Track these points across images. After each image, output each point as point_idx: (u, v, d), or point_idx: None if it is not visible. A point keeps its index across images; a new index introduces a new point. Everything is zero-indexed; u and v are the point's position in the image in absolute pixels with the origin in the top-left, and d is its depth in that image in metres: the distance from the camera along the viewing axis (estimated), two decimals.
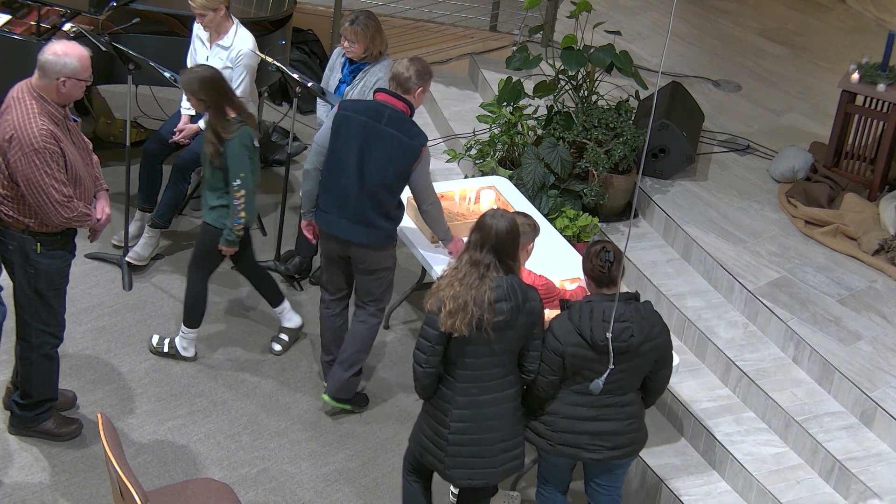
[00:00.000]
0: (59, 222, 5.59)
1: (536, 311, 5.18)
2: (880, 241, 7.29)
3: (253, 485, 6.06)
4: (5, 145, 5.44)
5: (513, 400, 5.30)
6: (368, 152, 5.96)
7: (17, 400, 6.04)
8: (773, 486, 6.04)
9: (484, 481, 5.40)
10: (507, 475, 5.44)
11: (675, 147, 7.81)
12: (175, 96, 7.75)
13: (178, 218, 7.80)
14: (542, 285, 5.60)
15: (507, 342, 5.17)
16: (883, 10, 10.55)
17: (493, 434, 5.29)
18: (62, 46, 5.44)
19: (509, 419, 5.31)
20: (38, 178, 5.42)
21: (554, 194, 7.35)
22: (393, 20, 9.15)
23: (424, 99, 6.68)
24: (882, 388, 6.34)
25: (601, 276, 5.22)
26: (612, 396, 5.30)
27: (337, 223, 6.11)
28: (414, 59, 6.12)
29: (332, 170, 6.06)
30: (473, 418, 5.25)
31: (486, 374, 5.20)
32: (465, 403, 5.24)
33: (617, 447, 5.40)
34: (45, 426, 6.08)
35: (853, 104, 7.80)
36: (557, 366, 5.22)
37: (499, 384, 5.24)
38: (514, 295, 5.10)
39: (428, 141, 6.03)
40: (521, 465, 5.45)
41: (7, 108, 5.49)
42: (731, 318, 6.97)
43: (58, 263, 5.75)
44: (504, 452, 5.36)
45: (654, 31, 9.91)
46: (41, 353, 5.90)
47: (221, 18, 7.04)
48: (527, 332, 5.19)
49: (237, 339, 6.95)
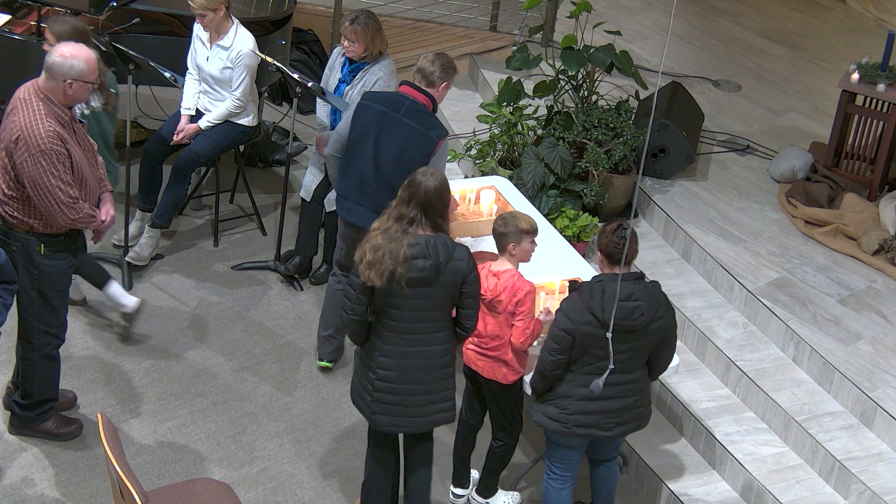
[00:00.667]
0: (65, 223, 5.60)
1: (461, 270, 5.24)
2: (880, 241, 7.29)
3: (253, 485, 6.06)
4: (12, 146, 5.44)
5: (441, 356, 5.40)
6: (384, 141, 6.02)
7: (18, 400, 6.05)
8: (773, 486, 6.04)
9: (408, 429, 5.53)
10: (433, 425, 5.55)
11: (675, 147, 7.81)
12: (175, 96, 7.75)
13: (179, 218, 7.80)
14: (528, 292, 5.56)
15: (431, 299, 5.26)
16: (883, 10, 10.55)
17: (418, 385, 5.40)
18: (70, 48, 5.45)
19: (437, 373, 5.42)
20: (44, 179, 5.43)
21: (554, 194, 7.35)
22: (393, 20, 9.15)
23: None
24: (882, 388, 6.34)
25: (615, 252, 5.25)
26: (622, 375, 5.34)
27: (354, 209, 6.18)
28: (439, 53, 6.17)
29: (350, 157, 6.14)
30: (398, 368, 5.37)
31: (411, 327, 5.31)
32: (390, 353, 5.36)
33: (628, 422, 5.49)
34: (46, 426, 6.09)
35: (853, 104, 7.80)
36: (567, 345, 5.24)
37: (425, 338, 5.35)
38: (435, 253, 5.20)
39: (447, 136, 6.05)
40: (451, 417, 5.54)
41: (13, 110, 5.49)
42: (731, 318, 6.97)
43: (61, 265, 5.75)
44: (430, 404, 5.46)
45: (654, 31, 9.90)
46: (42, 353, 5.90)
47: (221, 19, 7.04)
48: (453, 290, 5.27)
49: (237, 340, 6.95)
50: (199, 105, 7.32)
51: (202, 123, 7.26)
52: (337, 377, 6.79)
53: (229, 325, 7.05)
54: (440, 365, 5.41)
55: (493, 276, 5.56)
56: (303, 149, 8.36)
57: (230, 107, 7.21)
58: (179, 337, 6.91)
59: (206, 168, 7.82)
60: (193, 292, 7.25)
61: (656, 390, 6.60)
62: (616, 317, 5.10)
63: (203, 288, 7.29)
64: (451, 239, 5.30)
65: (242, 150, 7.86)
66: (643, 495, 6.30)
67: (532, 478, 6.27)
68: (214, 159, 7.49)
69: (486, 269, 5.58)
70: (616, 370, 5.22)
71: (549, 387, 5.40)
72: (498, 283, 5.53)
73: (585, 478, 6.19)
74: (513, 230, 5.53)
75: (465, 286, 5.28)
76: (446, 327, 5.38)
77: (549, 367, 5.33)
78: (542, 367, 5.36)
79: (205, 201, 7.95)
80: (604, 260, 5.33)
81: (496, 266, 5.59)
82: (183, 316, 7.06)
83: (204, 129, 7.26)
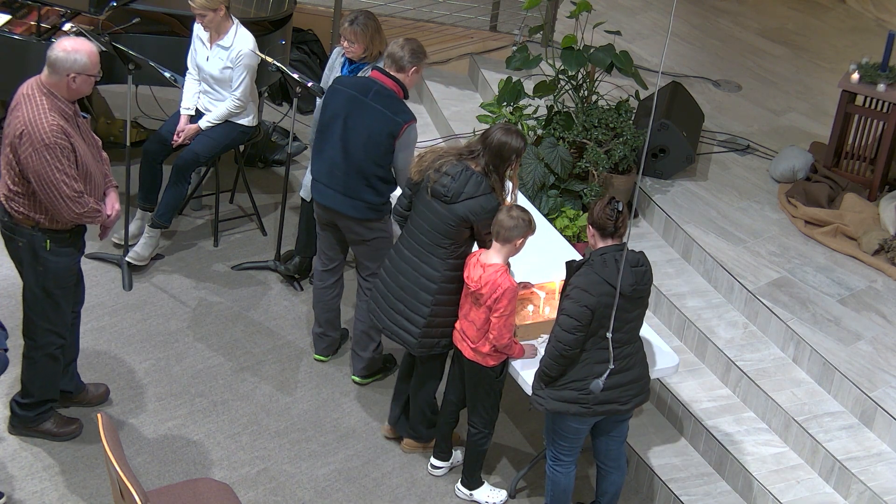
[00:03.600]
0: (71, 218, 5.60)
1: (474, 211, 5.60)
2: (880, 241, 7.29)
3: (253, 485, 6.06)
4: (16, 141, 5.45)
5: (427, 280, 5.75)
6: (352, 125, 6.12)
7: (19, 400, 6.04)
8: (773, 486, 6.05)
9: (385, 329, 5.97)
10: (396, 338, 5.91)
11: (675, 147, 7.81)
12: (175, 96, 7.75)
13: (179, 218, 7.80)
14: (507, 290, 5.54)
15: (441, 219, 5.67)
16: (883, 10, 10.55)
17: (398, 293, 5.85)
18: (71, 43, 5.47)
19: (417, 294, 5.78)
20: (49, 173, 5.44)
21: (554, 194, 7.35)
22: (393, 20, 9.14)
23: (426, 98, 6.74)
24: (882, 388, 6.34)
25: (607, 224, 5.30)
26: (629, 346, 5.40)
27: (325, 192, 6.29)
28: (409, 39, 6.26)
29: (322, 140, 6.28)
30: (391, 269, 5.90)
31: (417, 237, 5.76)
32: (395, 251, 5.92)
33: (639, 393, 5.53)
34: (46, 426, 6.08)
35: (853, 104, 7.80)
36: (587, 320, 5.25)
37: (420, 254, 5.76)
38: (464, 181, 5.62)
39: (414, 122, 6.13)
40: (413, 344, 5.84)
41: (17, 105, 5.50)
42: (731, 318, 6.97)
43: (67, 261, 5.75)
44: (404, 318, 5.84)
45: (654, 31, 9.91)
46: (46, 352, 5.90)
47: (221, 19, 7.04)
48: (461, 225, 5.64)
49: (237, 340, 6.95)
50: (199, 105, 7.33)
51: (202, 123, 7.26)
52: (337, 377, 6.79)
53: (229, 325, 7.05)
54: (422, 288, 5.76)
55: (479, 267, 5.58)
56: (303, 149, 8.36)
57: (230, 107, 7.21)
58: (179, 337, 6.91)
59: (206, 168, 7.82)
60: (193, 292, 7.25)
61: (656, 390, 6.60)
62: (630, 284, 5.23)
63: (203, 288, 7.30)
64: (489, 185, 5.63)
65: (242, 150, 7.87)
66: (643, 495, 6.30)
67: (532, 478, 6.27)
68: (214, 159, 7.49)
69: (477, 258, 5.63)
70: (625, 340, 5.34)
71: (565, 371, 5.38)
72: (482, 276, 5.55)
73: (585, 478, 6.21)
74: (524, 225, 5.54)
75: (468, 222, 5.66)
76: (442, 259, 5.69)
77: (570, 347, 5.29)
78: (562, 350, 5.31)
79: (205, 201, 7.95)
80: (596, 234, 5.37)
81: (485, 258, 5.61)
82: (183, 316, 7.06)
83: (204, 130, 7.27)
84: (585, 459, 6.20)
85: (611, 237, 5.33)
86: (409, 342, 5.88)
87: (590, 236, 5.42)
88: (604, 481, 5.86)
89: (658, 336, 6.14)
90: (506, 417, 6.63)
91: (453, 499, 6.15)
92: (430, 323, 5.80)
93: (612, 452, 5.77)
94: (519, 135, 5.69)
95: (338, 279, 6.67)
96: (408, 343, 5.89)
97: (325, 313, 6.72)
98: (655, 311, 7.11)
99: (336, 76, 6.54)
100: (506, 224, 5.50)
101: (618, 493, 5.89)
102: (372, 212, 6.24)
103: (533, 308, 6.04)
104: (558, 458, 5.68)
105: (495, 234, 5.55)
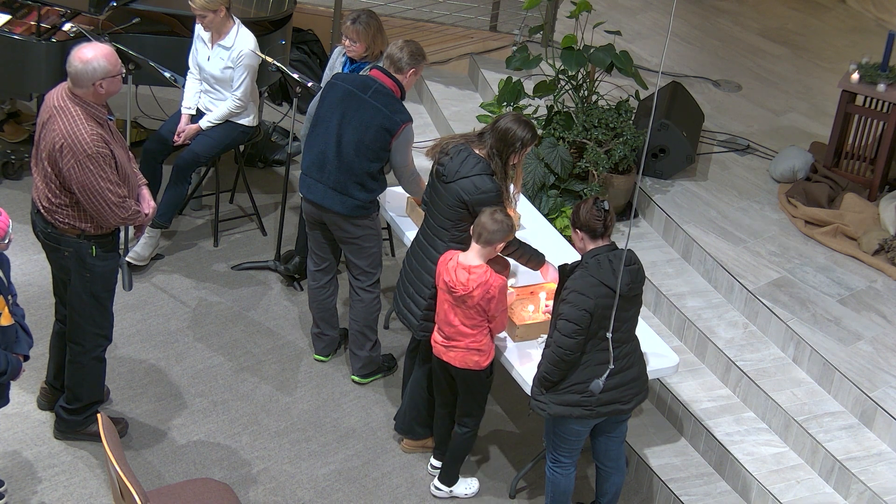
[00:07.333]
0: (116, 223, 5.63)
1: (467, 190, 5.64)
2: (880, 241, 7.29)
3: (253, 485, 6.06)
4: (56, 155, 5.42)
5: (430, 269, 5.79)
6: (348, 120, 6.14)
7: (65, 405, 6.01)
8: (773, 486, 6.05)
9: (396, 311, 6.10)
10: (404, 320, 6.01)
11: (675, 147, 7.81)
12: (175, 96, 7.75)
13: (179, 218, 7.80)
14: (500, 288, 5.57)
15: (442, 200, 5.75)
16: (883, 10, 10.55)
17: (407, 277, 5.97)
18: (86, 52, 5.40)
19: (422, 279, 5.85)
20: (93, 183, 5.43)
21: (554, 194, 7.35)
22: (393, 20, 9.14)
23: (426, 98, 6.76)
24: (882, 388, 6.34)
25: (596, 225, 5.30)
26: (627, 345, 5.40)
27: (315, 187, 6.30)
28: (409, 41, 6.29)
29: (315, 134, 6.29)
30: (407, 255, 6.02)
31: (427, 222, 5.89)
32: (415, 237, 6.01)
33: (639, 392, 5.53)
34: (93, 428, 5.98)
35: (853, 104, 7.80)
36: (587, 323, 5.24)
37: (429, 237, 5.84)
38: (459, 161, 5.70)
39: (411, 123, 6.16)
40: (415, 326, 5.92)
41: (51, 118, 5.46)
42: (731, 318, 6.97)
43: (111, 264, 5.77)
44: (410, 301, 5.95)
45: (654, 31, 9.91)
46: (94, 356, 5.91)
47: (222, 19, 7.04)
48: (455, 205, 5.69)
49: (237, 340, 6.95)
50: (199, 104, 7.33)
51: (203, 123, 7.26)
52: (337, 377, 6.79)
53: (229, 325, 7.05)
54: (426, 270, 5.83)
55: (464, 271, 5.55)
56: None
57: (231, 107, 7.21)
58: (179, 337, 6.91)
59: (206, 168, 7.82)
60: (193, 292, 7.25)
61: (656, 390, 6.60)
62: (626, 283, 5.22)
63: (203, 288, 7.30)
64: (487, 167, 5.69)
65: (242, 150, 7.86)
66: (643, 495, 6.30)
67: (532, 478, 6.27)
68: (214, 159, 7.49)
69: (456, 261, 5.60)
70: (623, 339, 5.34)
71: (566, 375, 5.36)
72: (470, 279, 5.53)
73: (585, 478, 6.21)
74: (506, 229, 5.54)
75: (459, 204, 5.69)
76: (444, 242, 5.77)
77: (571, 352, 5.28)
78: (562, 354, 5.29)
79: (205, 201, 7.95)
80: (585, 237, 5.34)
81: (467, 260, 5.58)
82: (183, 316, 7.06)
83: (204, 129, 7.27)
84: (585, 460, 6.20)
85: (601, 238, 5.32)
86: (411, 324, 5.94)
87: (577, 240, 5.38)
88: (604, 482, 5.86)
89: (658, 336, 6.14)
90: (505, 417, 6.64)
91: (453, 499, 6.15)
92: (430, 306, 5.84)
93: (611, 453, 5.77)
94: (528, 125, 5.75)
95: (331, 278, 6.67)
96: (410, 325, 5.95)
97: (320, 313, 6.73)
98: (655, 311, 7.11)
99: (336, 73, 6.55)
100: (489, 227, 5.50)
101: (618, 493, 5.89)
102: (359, 209, 6.25)
103: (533, 308, 6.04)
104: (558, 461, 5.68)
105: (476, 235, 5.54)
